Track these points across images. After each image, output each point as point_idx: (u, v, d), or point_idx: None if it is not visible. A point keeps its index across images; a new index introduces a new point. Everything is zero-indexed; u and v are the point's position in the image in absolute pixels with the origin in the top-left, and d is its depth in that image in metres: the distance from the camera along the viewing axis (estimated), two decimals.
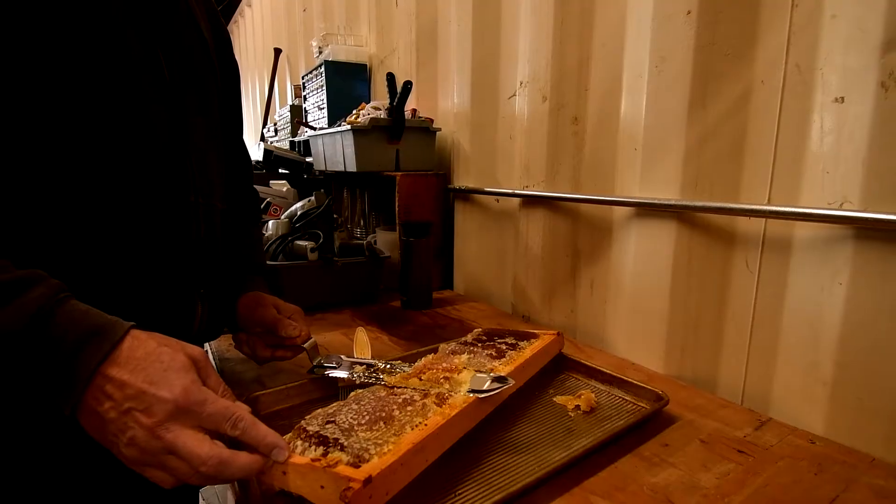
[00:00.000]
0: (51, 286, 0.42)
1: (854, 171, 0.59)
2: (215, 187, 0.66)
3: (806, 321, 0.66)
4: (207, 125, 0.65)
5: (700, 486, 0.52)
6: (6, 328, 0.39)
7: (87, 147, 0.48)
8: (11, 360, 0.39)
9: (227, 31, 0.78)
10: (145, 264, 0.54)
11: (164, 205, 0.56)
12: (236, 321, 0.74)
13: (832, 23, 0.61)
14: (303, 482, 0.44)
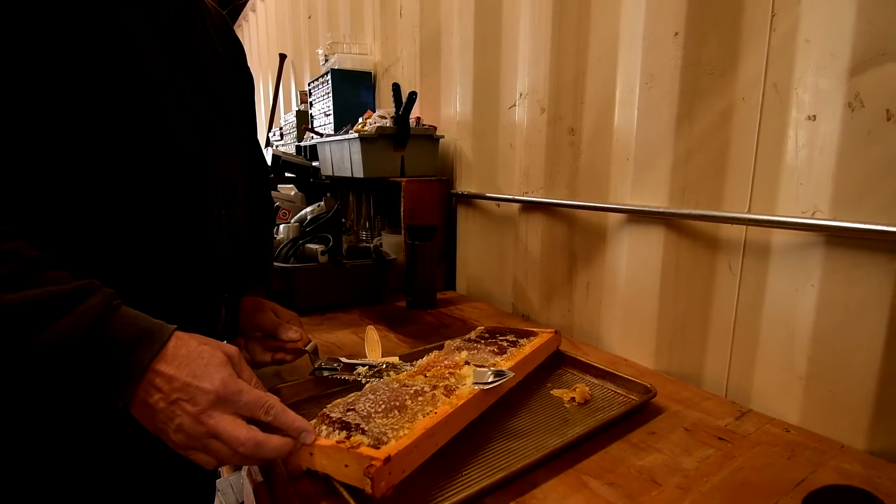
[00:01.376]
0: (106, 294, 0.48)
1: (824, 183, 0.65)
2: (236, 199, 0.70)
3: (782, 320, 0.72)
4: (226, 138, 0.70)
5: (681, 468, 0.58)
6: (70, 333, 0.44)
7: (118, 163, 0.53)
8: (74, 360, 0.45)
9: (241, 44, 0.83)
10: (174, 272, 0.59)
11: (191, 217, 0.61)
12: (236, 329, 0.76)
13: (806, 47, 0.67)
14: (328, 461, 0.49)
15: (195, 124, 0.62)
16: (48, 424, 0.54)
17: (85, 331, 0.45)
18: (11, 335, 0.44)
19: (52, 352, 0.44)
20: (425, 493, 0.51)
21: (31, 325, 0.44)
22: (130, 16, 0.55)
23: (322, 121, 1.90)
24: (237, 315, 0.76)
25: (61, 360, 0.45)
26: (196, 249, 0.62)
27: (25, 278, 0.45)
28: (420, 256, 1.21)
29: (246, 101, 0.81)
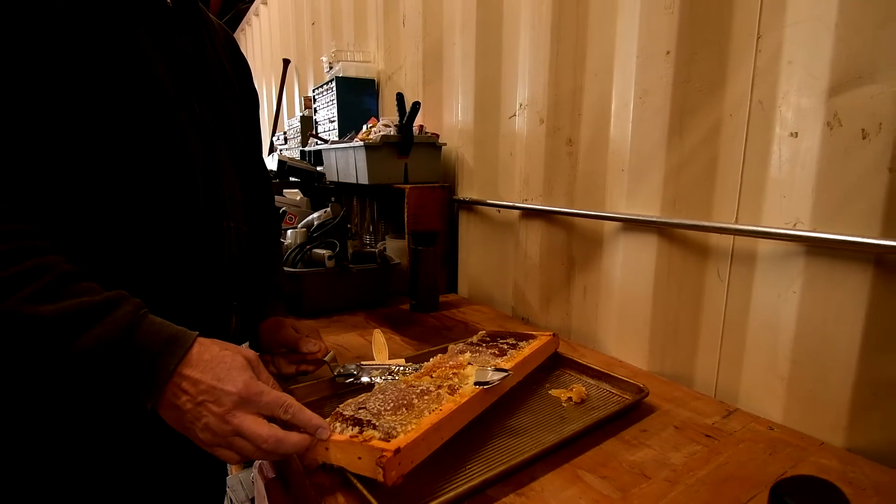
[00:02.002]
0: (134, 304, 0.52)
1: (805, 197, 0.69)
2: (242, 212, 0.74)
3: (767, 325, 0.76)
4: (233, 155, 0.74)
5: (670, 462, 0.62)
6: (102, 340, 0.48)
7: (135, 179, 0.57)
8: (106, 366, 0.49)
9: (247, 62, 0.87)
10: (189, 282, 0.63)
11: (203, 230, 0.65)
12: (259, 344, 0.82)
13: (789, 68, 0.72)
14: (343, 455, 0.54)
15: (205, 141, 0.66)
16: (75, 423, 0.58)
17: (116, 338, 0.49)
18: (48, 343, 0.48)
19: (86, 358, 0.48)
20: (432, 485, 0.55)
21: (67, 333, 0.48)
22: (145, 40, 0.59)
23: (326, 126, 1.94)
24: (247, 321, 0.81)
25: (94, 365, 0.49)
26: (208, 260, 0.66)
27: (60, 290, 0.49)
28: (423, 261, 1.25)
29: (251, 117, 0.86)
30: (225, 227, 0.69)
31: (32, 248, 0.49)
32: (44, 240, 0.51)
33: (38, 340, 0.48)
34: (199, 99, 0.67)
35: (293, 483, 0.68)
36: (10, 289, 0.47)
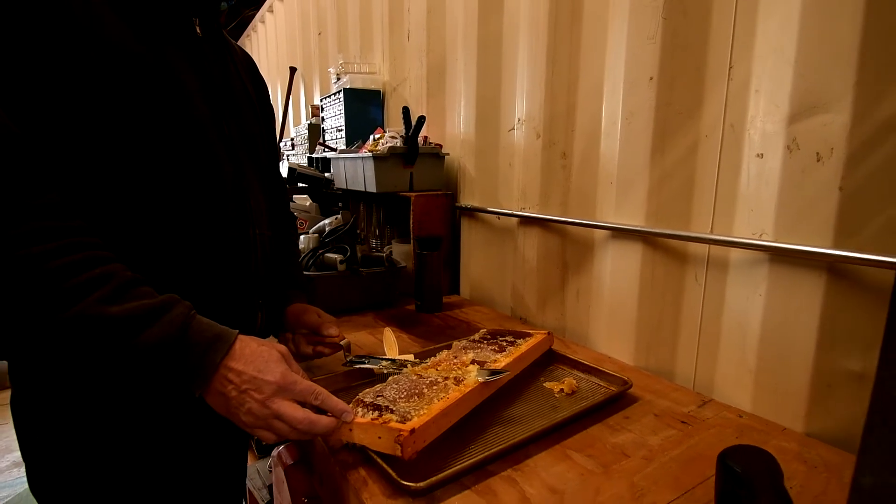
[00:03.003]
0: (185, 306, 0.60)
1: (769, 211, 0.78)
2: (265, 219, 0.83)
3: (737, 324, 0.85)
4: (256, 168, 0.82)
5: (648, 444, 0.71)
6: (160, 337, 0.57)
7: (174, 193, 0.66)
8: (162, 359, 0.57)
9: (265, 82, 0.96)
10: (221, 283, 0.72)
11: (233, 237, 0.74)
12: (283, 325, 0.92)
13: (756, 96, 0.81)
14: (365, 435, 0.63)
15: (233, 158, 0.75)
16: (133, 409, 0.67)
17: (171, 335, 0.57)
18: (115, 339, 0.56)
19: (146, 353, 0.57)
20: (441, 461, 0.64)
21: (131, 331, 0.56)
22: (183, 69, 0.68)
23: (334, 135, 2.03)
24: (271, 317, 0.90)
25: (152, 359, 0.57)
26: (238, 264, 0.75)
27: (124, 294, 0.57)
28: (428, 264, 1.34)
29: (269, 132, 0.94)
30: (251, 235, 0.78)
31: (101, 257, 0.58)
32: (106, 250, 0.60)
33: (106, 337, 0.56)
34: (228, 120, 0.76)
35: (316, 463, 0.77)
36: (83, 293, 0.55)
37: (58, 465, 0.68)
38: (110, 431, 0.67)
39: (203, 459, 0.77)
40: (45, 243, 0.54)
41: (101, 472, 0.68)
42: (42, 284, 0.54)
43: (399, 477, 0.58)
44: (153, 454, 0.70)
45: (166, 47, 0.67)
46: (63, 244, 0.55)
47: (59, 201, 0.57)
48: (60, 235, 0.55)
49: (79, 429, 0.67)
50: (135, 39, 0.63)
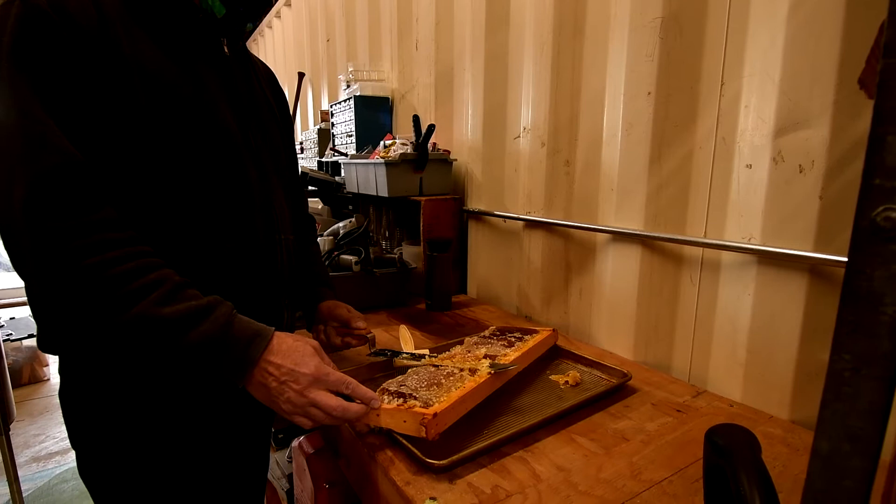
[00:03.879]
0: (227, 306, 0.67)
1: (757, 217, 0.86)
2: (288, 224, 0.89)
3: (729, 321, 0.92)
4: (279, 175, 0.88)
5: (645, 429, 0.79)
6: (207, 334, 0.64)
7: (208, 200, 0.72)
8: (209, 354, 0.64)
9: (284, 94, 1.02)
10: (250, 284, 0.79)
11: (261, 242, 0.80)
12: (315, 318, 1.00)
13: (745, 111, 0.88)
14: (391, 419, 0.70)
15: (259, 168, 0.81)
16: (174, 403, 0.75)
17: (217, 333, 0.64)
18: (168, 336, 0.63)
19: (195, 348, 0.64)
20: (459, 444, 0.71)
21: (182, 329, 0.63)
22: (214, 87, 0.75)
23: (344, 140, 2.10)
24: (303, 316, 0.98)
25: (200, 354, 0.64)
26: (265, 267, 0.82)
27: (175, 296, 0.64)
28: (437, 265, 1.41)
29: (289, 140, 1.00)
30: (277, 239, 0.85)
31: (153, 264, 0.65)
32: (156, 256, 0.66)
33: (160, 334, 0.63)
34: (253, 132, 0.83)
35: (344, 448, 0.84)
36: (140, 296, 0.62)
37: (103, 452, 0.75)
38: (152, 422, 0.74)
39: (232, 450, 0.84)
40: (105, 253, 0.61)
41: (143, 458, 0.75)
42: (105, 289, 0.61)
43: (423, 455, 0.66)
44: (189, 444, 0.77)
45: (198, 66, 0.73)
46: (121, 253, 0.62)
47: (115, 215, 0.64)
48: (118, 245, 0.62)
49: (123, 419, 0.73)
50: (172, 64, 0.69)
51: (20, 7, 0.60)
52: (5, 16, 0.61)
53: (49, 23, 0.61)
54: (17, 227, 0.59)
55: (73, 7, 0.62)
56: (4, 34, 0.60)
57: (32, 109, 0.60)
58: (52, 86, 0.61)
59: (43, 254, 0.60)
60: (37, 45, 0.61)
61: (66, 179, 0.60)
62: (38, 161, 0.59)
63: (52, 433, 2.63)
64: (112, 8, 0.66)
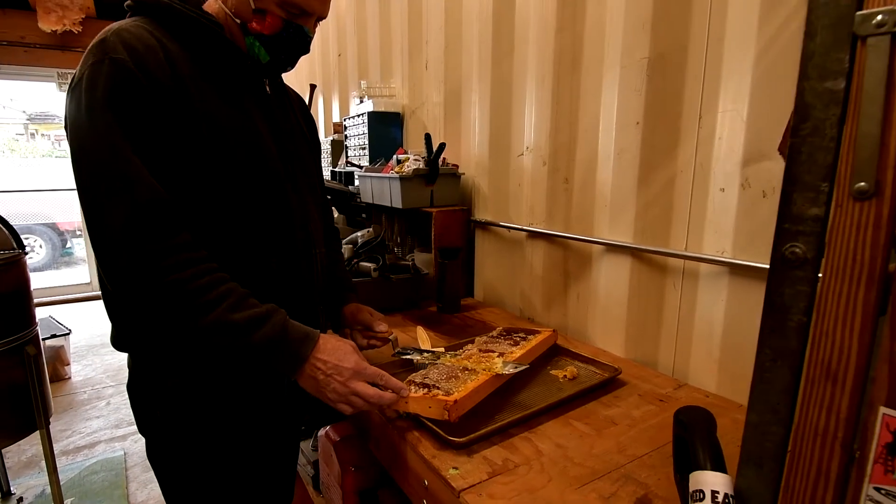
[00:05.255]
0: (282, 313, 0.81)
1: (728, 234, 0.99)
2: (322, 239, 1.03)
3: (706, 323, 1.06)
4: (312, 196, 1.01)
5: (631, 415, 0.92)
6: (268, 335, 0.77)
7: (257, 221, 0.85)
8: (269, 352, 0.78)
9: (313, 119, 1.15)
10: (292, 293, 0.92)
11: (301, 257, 0.93)
12: (341, 322, 1.13)
13: (719, 142, 1.02)
14: (418, 405, 0.84)
15: (297, 191, 0.94)
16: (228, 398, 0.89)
17: (276, 334, 0.78)
18: (236, 338, 0.77)
19: (258, 347, 0.77)
20: (475, 426, 0.85)
21: (247, 332, 0.77)
22: (259, 120, 0.88)
23: (357, 152, 2.24)
24: (329, 318, 1.11)
25: (261, 352, 0.78)
26: (304, 278, 0.95)
27: (241, 304, 0.78)
28: (448, 272, 1.55)
29: (318, 162, 1.13)
30: (313, 253, 0.99)
31: (222, 277, 0.79)
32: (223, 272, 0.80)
33: (231, 336, 0.77)
34: (291, 159, 0.96)
35: (374, 431, 0.98)
36: (215, 305, 0.76)
37: (169, 438, 0.89)
38: (211, 412, 0.88)
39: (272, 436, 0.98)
40: (185, 270, 0.75)
41: (202, 443, 0.88)
42: (187, 300, 0.75)
43: (446, 434, 0.80)
44: (239, 432, 0.91)
45: (247, 104, 0.87)
46: (197, 270, 0.76)
47: (190, 238, 0.77)
48: (194, 264, 0.76)
49: (186, 409, 0.87)
50: (228, 108, 0.83)
51: (110, 66, 0.73)
52: (98, 73, 0.73)
53: (135, 79, 0.73)
54: (115, 249, 0.73)
55: (152, 65, 0.75)
56: (98, 88, 0.72)
57: (125, 152, 0.73)
58: (138, 132, 0.74)
59: (137, 271, 0.73)
60: (125, 97, 0.73)
61: (154, 211, 0.73)
62: (133, 196, 0.72)
63: (77, 428, 2.77)
64: (182, 64, 0.79)
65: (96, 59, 0.74)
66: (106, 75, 0.72)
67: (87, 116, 0.73)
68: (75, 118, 0.75)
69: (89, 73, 0.73)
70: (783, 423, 0.51)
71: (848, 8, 0.44)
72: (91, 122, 0.73)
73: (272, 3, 0.83)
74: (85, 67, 0.74)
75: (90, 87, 0.73)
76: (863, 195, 0.43)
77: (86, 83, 0.73)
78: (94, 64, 0.73)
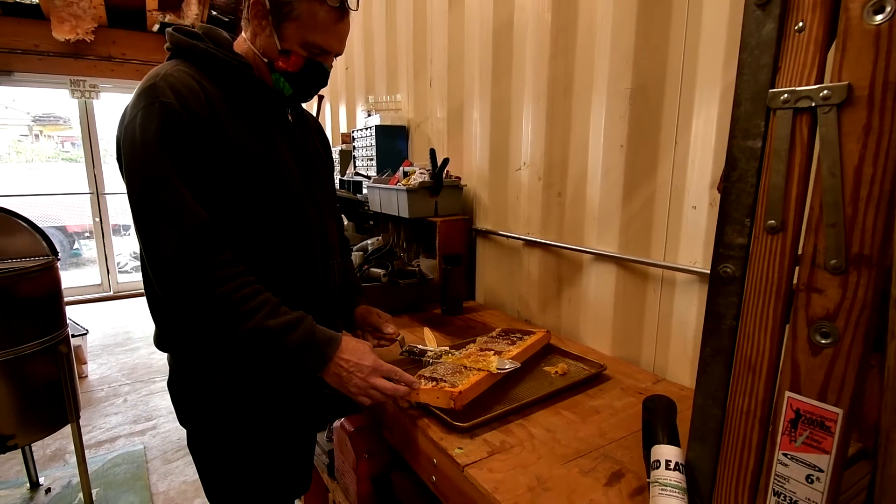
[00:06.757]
0: (310, 319, 0.94)
1: (699, 246, 1.13)
2: (338, 250, 1.16)
3: (682, 325, 1.20)
4: (330, 211, 1.14)
5: (613, 406, 1.06)
6: (300, 338, 0.91)
7: (282, 240, 0.98)
8: (299, 353, 0.91)
9: (328, 140, 1.28)
10: (313, 301, 1.05)
11: (320, 268, 1.07)
12: (353, 323, 1.27)
13: (692, 165, 1.15)
14: (428, 396, 0.97)
15: (315, 206, 1.07)
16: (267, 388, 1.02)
17: (306, 338, 0.92)
18: (272, 342, 0.90)
19: (291, 349, 0.91)
20: (478, 413, 0.98)
21: (282, 336, 0.90)
22: (282, 146, 1.00)
23: (365, 163, 2.37)
24: (345, 321, 1.25)
25: (293, 354, 0.91)
26: (324, 287, 1.09)
27: (275, 312, 0.91)
28: (451, 277, 1.68)
29: (332, 178, 1.26)
30: (331, 264, 1.12)
31: (258, 289, 0.92)
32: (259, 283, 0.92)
33: (268, 340, 0.90)
34: (311, 178, 1.09)
35: (389, 421, 1.12)
36: (254, 313, 0.89)
37: (208, 429, 1.02)
38: (244, 406, 1.01)
39: (296, 428, 1.11)
40: (227, 284, 0.88)
41: (236, 435, 1.02)
42: (230, 309, 0.88)
43: (452, 420, 0.93)
44: (270, 423, 1.04)
45: (272, 133, 1.00)
46: (238, 283, 0.89)
47: (230, 255, 0.90)
48: (235, 278, 0.89)
49: (223, 403, 1.00)
50: (257, 139, 0.95)
51: (160, 108, 0.85)
52: (151, 114, 0.85)
53: (181, 119, 0.86)
54: (170, 268, 0.86)
55: (195, 105, 0.88)
56: (151, 129, 0.85)
57: (175, 184, 0.85)
58: (185, 165, 0.86)
59: (189, 287, 0.86)
60: (174, 135, 0.86)
61: (201, 234, 0.86)
62: (184, 221, 0.85)
63: (97, 424, 2.90)
64: (218, 103, 0.91)
65: (148, 102, 0.86)
66: (157, 117, 0.85)
67: (141, 153, 0.85)
68: (130, 155, 0.87)
69: (142, 114, 0.86)
70: (720, 406, 0.65)
71: (763, 86, 0.57)
72: (146, 158, 0.85)
73: (295, 44, 0.96)
74: (137, 109, 0.87)
75: (143, 127, 0.85)
76: (773, 230, 0.57)
77: (139, 124, 0.85)
78: (146, 106, 0.86)
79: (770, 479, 0.59)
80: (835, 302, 0.52)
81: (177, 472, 2.43)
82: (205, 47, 0.94)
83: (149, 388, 3.33)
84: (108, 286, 5.18)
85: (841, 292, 0.51)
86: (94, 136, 5.02)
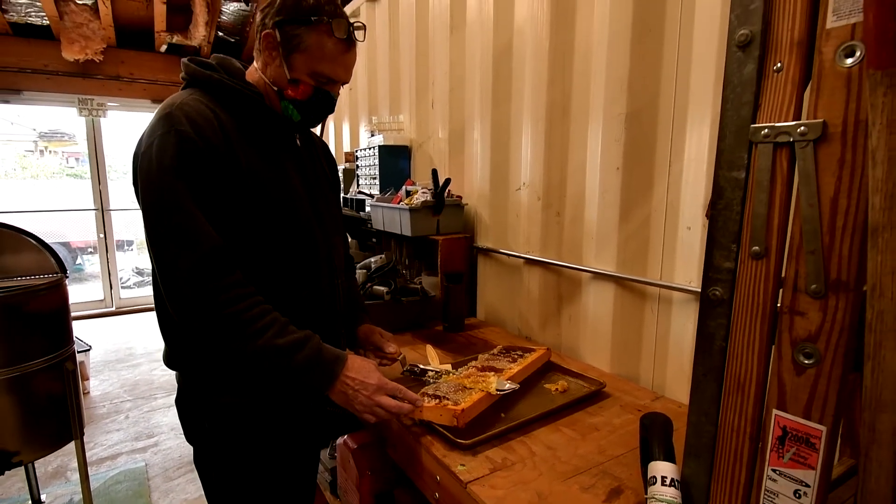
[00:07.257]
0: (317, 338, 0.97)
1: (694, 266, 1.16)
2: (343, 270, 1.19)
3: (679, 342, 1.22)
4: (335, 231, 1.17)
5: (612, 423, 1.08)
6: (307, 357, 0.93)
7: (289, 261, 1.01)
8: (307, 371, 0.94)
9: (334, 160, 1.32)
10: (318, 320, 1.07)
11: (326, 287, 1.10)
12: (356, 342, 1.29)
13: (686, 186, 1.19)
14: (431, 414, 1.00)
15: (321, 227, 1.10)
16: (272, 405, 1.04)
17: (313, 356, 0.94)
18: (281, 359, 0.93)
19: (298, 367, 0.93)
20: (479, 431, 1.00)
21: (290, 354, 0.93)
22: (291, 170, 1.04)
23: (368, 181, 2.42)
24: (348, 339, 1.27)
25: (301, 371, 0.94)
26: (329, 306, 1.11)
27: (284, 331, 0.93)
28: (453, 294, 1.71)
29: (338, 200, 1.30)
30: (336, 284, 1.15)
31: (267, 309, 0.95)
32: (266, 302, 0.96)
33: (277, 358, 0.92)
34: (317, 200, 1.12)
35: (392, 438, 1.14)
36: (263, 332, 0.92)
37: (214, 446, 1.04)
38: (250, 424, 1.03)
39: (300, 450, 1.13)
40: (238, 304, 0.91)
41: (242, 453, 1.04)
42: (241, 328, 0.91)
43: (455, 437, 0.96)
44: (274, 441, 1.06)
45: (281, 157, 1.04)
46: (248, 303, 0.92)
47: (241, 276, 0.94)
48: (246, 297, 0.92)
49: (229, 421, 1.02)
50: (267, 164, 0.99)
51: (176, 136, 0.89)
52: (167, 143, 0.89)
53: (196, 147, 0.90)
54: (183, 288, 0.89)
55: (209, 133, 0.91)
56: (166, 156, 0.89)
57: (189, 207, 0.89)
58: (199, 190, 0.90)
59: (201, 306, 0.89)
60: (189, 162, 0.89)
61: (214, 256, 0.89)
62: (198, 244, 0.88)
63: (98, 441, 2.91)
64: (231, 131, 0.95)
65: (164, 130, 0.90)
66: (173, 145, 0.89)
67: (157, 178, 0.89)
68: (147, 180, 0.91)
69: (159, 142, 0.90)
70: (713, 424, 0.68)
71: (746, 120, 0.61)
72: (162, 184, 0.89)
73: (304, 73, 1.00)
74: (154, 136, 0.90)
75: (160, 154, 0.89)
76: (757, 256, 0.60)
77: (156, 151, 0.89)
78: (163, 134, 0.90)
79: (761, 495, 0.61)
80: (816, 324, 0.55)
81: (178, 490, 2.43)
82: (219, 77, 0.98)
83: (150, 404, 3.33)
84: (111, 301, 5.20)
85: (821, 315, 0.54)
86: (101, 154, 5.09)
